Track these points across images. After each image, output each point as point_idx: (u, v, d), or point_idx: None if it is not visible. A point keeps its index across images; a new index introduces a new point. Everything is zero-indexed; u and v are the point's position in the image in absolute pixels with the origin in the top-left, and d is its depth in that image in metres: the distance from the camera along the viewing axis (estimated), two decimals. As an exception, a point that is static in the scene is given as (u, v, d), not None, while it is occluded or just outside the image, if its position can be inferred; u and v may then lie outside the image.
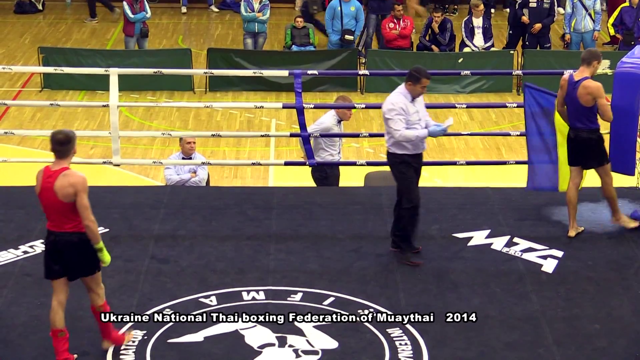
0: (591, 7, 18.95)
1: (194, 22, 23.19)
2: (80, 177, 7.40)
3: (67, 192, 7.36)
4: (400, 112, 9.07)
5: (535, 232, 9.93)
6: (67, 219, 7.44)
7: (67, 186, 7.36)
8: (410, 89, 9.17)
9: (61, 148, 7.48)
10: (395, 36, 19.09)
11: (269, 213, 10.41)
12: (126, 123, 16.38)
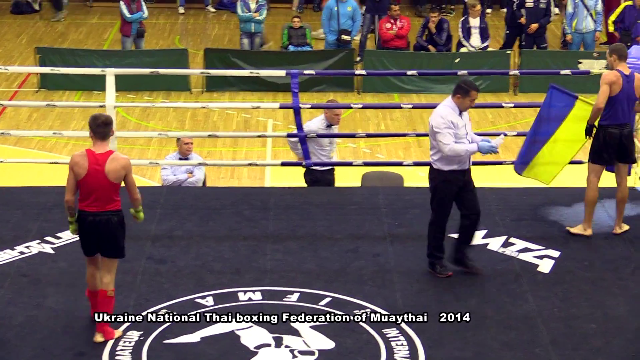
0: (592, 7, 18.96)
1: (190, 22, 23.20)
2: (126, 159, 7.97)
3: (119, 175, 7.87)
4: (449, 126, 8.74)
5: (531, 232, 9.93)
6: (110, 199, 7.91)
7: (120, 169, 7.86)
8: (459, 102, 8.83)
9: (105, 129, 7.90)
10: (392, 36, 19.11)
11: (265, 213, 10.41)
12: (123, 123, 16.38)
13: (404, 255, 9.49)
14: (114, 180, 7.86)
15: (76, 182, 7.87)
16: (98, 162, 7.81)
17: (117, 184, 7.91)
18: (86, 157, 7.84)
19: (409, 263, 9.35)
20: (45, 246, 9.58)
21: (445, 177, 8.84)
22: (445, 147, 8.72)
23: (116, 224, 7.96)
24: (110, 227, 7.93)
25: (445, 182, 8.86)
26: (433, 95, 18.08)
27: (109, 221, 7.93)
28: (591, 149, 9.74)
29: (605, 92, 9.51)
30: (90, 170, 7.80)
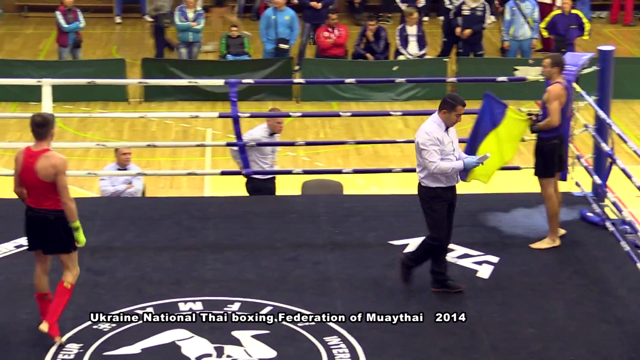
0: (529, 15, 19.18)
1: (128, 32, 23.06)
2: (60, 158, 7.84)
3: (48, 173, 7.80)
4: (435, 143, 8.56)
5: (470, 239, 10.00)
6: (45, 197, 7.89)
7: (49, 167, 7.80)
8: (445, 118, 8.65)
9: (40, 130, 7.91)
10: (330, 45, 19.16)
11: (205, 223, 10.38)
12: (60, 134, 16.22)
13: (344, 263, 9.51)
14: (43, 178, 7.83)
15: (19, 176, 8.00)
16: (30, 159, 7.88)
17: (50, 182, 7.85)
18: (23, 153, 7.94)
19: (349, 270, 9.37)
20: (-18, 259, 9.46)
21: (434, 193, 8.71)
22: (432, 165, 8.56)
23: (54, 222, 7.93)
24: (47, 224, 7.94)
25: (434, 199, 8.72)
26: (371, 103, 18.17)
27: (46, 218, 7.94)
28: (537, 165, 9.77)
29: (557, 108, 9.57)
30: (24, 166, 7.92)
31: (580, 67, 10.42)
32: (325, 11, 19.57)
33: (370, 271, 9.36)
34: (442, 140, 8.62)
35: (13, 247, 9.72)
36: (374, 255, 9.67)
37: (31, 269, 9.21)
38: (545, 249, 9.74)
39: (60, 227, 7.97)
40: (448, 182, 8.72)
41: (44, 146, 7.91)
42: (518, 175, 11.41)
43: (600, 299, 8.85)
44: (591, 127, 10.65)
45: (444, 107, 8.65)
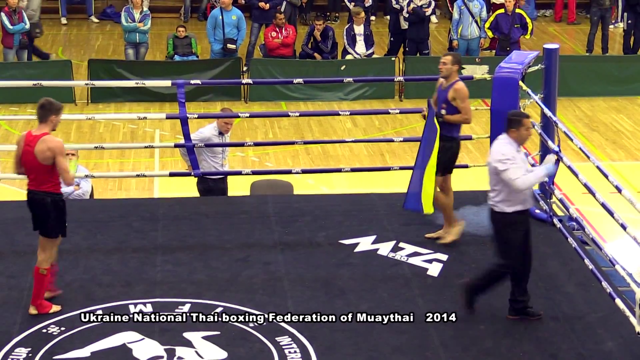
0: (477, 14, 19.32)
1: (74, 33, 22.89)
2: (57, 142, 8.20)
3: (46, 156, 8.16)
4: (513, 161, 8.18)
5: (420, 237, 10.04)
6: (44, 180, 8.28)
7: (46, 150, 8.15)
8: (516, 136, 8.31)
9: (40, 112, 8.28)
10: (277, 45, 19.15)
11: (154, 224, 10.33)
12: (6, 137, 16.08)
13: (294, 263, 9.51)
14: (42, 161, 8.18)
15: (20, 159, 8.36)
16: (30, 142, 8.22)
17: (48, 165, 8.19)
18: (24, 137, 8.30)
19: (299, 270, 9.38)
20: None
21: (510, 219, 8.30)
22: (517, 182, 8.13)
23: (49, 205, 8.29)
24: (42, 206, 8.30)
25: (511, 226, 8.32)
26: (320, 102, 18.19)
27: (42, 201, 8.30)
28: (444, 162, 9.73)
29: (469, 106, 9.71)
30: (24, 150, 8.27)
31: (526, 65, 10.51)
32: (272, 11, 19.56)
33: (320, 271, 9.38)
34: (516, 158, 8.27)
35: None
36: (324, 255, 9.69)
37: (-22, 273, 9.17)
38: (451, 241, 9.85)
39: (52, 211, 8.31)
40: (525, 205, 8.34)
41: (44, 130, 8.24)
42: (466, 173, 11.50)
43: (548, 295, 8.93)
44: (538, 125, 10.73)
45: (512, 126, 8.33)
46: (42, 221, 8.39)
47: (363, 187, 13.23)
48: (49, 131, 8.28)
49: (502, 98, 10.29)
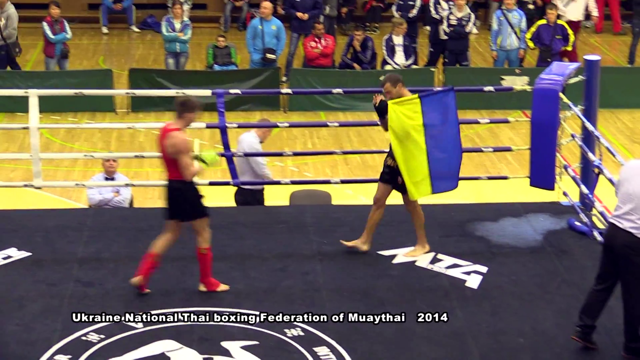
0: (517, 25, 19.24)
1: (115, 43, 23.04)
2: (181, 139, 8.64)
3: (171, 151, 8.66)
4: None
5: (459, 249, 10.01)
6: (172, 170, 8.76)
7: (170, 145, 8.66)
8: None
9: (178, 107, 8.76)
10: (317, 55, 19.18)
11: (193, 234, 10.33)
12: (47, 145, 16.20)
13: (332, 274, 9.51)
14: (169, 154, 8.69)
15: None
16: (163, 135, 8.75)
17: (174, 159, 8.65)
18: (162, 128, 8.83)
19: (338, 281, 9.37)
20: (-30, 271, 9.43)
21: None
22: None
23: (181, 192, 8.78)
24: (176, 194, 8.80)
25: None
26: (359, 113, 18.18)
27: (175, 189, 8.79)
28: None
29: None
30: (159, 140, 8.80)
31: (567, 77, 10.47)
32: (311, 21, 19.60)
33: (358, 281, 9.36)
34: None
35: (0, 259, 9.69)
36: (363, 266, 9.68)
37: (19, 280, 9.25)
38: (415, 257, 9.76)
39: (186, 198, 8.80)
40: None
41: (176, 125, 8.71)
42: (506, 184, 11.46)
43: (588, 308, 8.86)
44: (578, 137, 10.69)
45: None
46: (180, 208, 8.85)
47: (401, 198, 13.17)
48: (181, 127, 8.71)
49: (542, 110, 10.26)
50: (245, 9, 23.58)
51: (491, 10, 22.73)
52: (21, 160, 14.80)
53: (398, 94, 9.49)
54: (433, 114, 9.47)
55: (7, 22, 18.67)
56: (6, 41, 18.53)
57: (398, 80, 9.51)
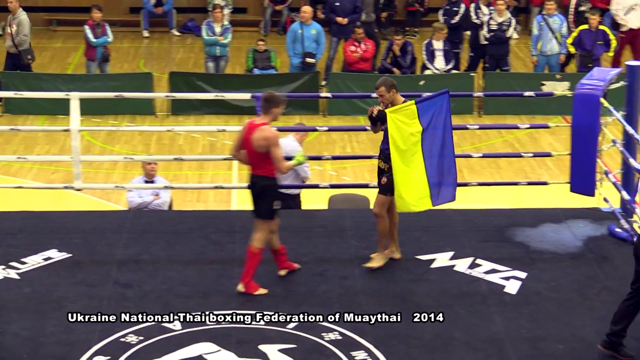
0: (557, 30, 19.13)
1: (155, 46, 23.16)
2: (272, 132, 8.88)
3: (261, 145, 8.84)
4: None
5: (498, 254, 9.97)
6: (258, 165, 8.98)
7: (261, 139, 8.83)
8: None
9: (264, 104, 8.98)
10: (356, 59, 19.17)
11: (232, 237, 10.38)
12: (88, 147, 16.30)
13: (371, 278, 9.49)
14: (257, 148, 8.86)
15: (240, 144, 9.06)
16: (250, 130, 8.92)
17: (262, 153, 8.86)
18: (247, 125, 9.01)
19: (376, 285, 9.35)
20: (10, 272, 9.50)
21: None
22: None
23: (261, 188, 8.98)
24: (256, 190, 9.02)
25: None
26: (398, 117, 18.11)
27: (256, 184, 9.01)
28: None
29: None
30: (244, 136, 8.96)
31: (608, 82, 10.39)
32: (351, 25, 19.59)
33: (396, 286, 9.34)
34: None
35: (41, 260, 9.76)
36: (401, 270, 9.66)
37: (59, 281, 9.30)
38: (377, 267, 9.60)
39: (264, 195, 8.99)
40: None
41: (264, 120, 8.92)
42: (546, 190, 11.40)
43: (629, 315, 8.78)
44: (619, 143, 10.60)
45: None
46: (256, 204, 9.06)
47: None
48: (268, 122, 8.92)
49: (582, 115, 10.20)
50: (285, 13, 23.62)
51: (532, 15, 22.62)
52: (62, 163, 14.91)
53: (391, 99, 9.44)
54: (430, 118, 9.27)
55: (18, 28, 18.48)
56: (18, 48, 18.49)
57: (393, 85, 9.49)
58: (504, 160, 15.78)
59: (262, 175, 8.99)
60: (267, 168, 8.96)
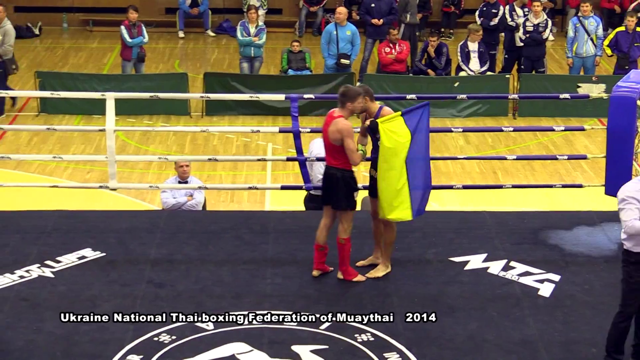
0: (593, 32, 19.01)
1: (190, 47, 23.25)
2: (346, 124, 9.02)
3: (335, 137, 9.04)
4: (632, 202, 7.67)
5: (531, 256, 9.93)
6: (332, 156, 9.15)
7: (335, 131, 9.03)
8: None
9: (340, 97, 9.16)
10: (391, 60, 19.15)
11: (265, 237, 10.40)
12: (123, 147, 16.39)
13: (403, 279, 9.48)
14: (332, 140, 9.04)
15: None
16: (327, 122, 9.13)
17: (336, 145, 9.02)
18: (327, 115, 9.18)
19: (408, 287, 9.34)
20: (45, 270, 9.57)
21: (635, 259, 7.76)
22: (624, 224, 7.69)
23: (337, 179, 9.09)
24: (332, 181, 9.15)
25: (635, 265, 7.78)
26: (432, 119, 17.95)
27: (332, 175, 9.14)
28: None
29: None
30: (323, 127, 9.19)
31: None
32: (386, 27, 19.57)
33: (429, 288, 9.32)
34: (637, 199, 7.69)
35: (76, 259, 9.82)
36: (434, 272, 9.64)
37: (93, 280, 9.36)
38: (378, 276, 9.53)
39: (341, 186, 9.09)
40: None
41: (340, 113, 9.10)
42: (581, 193, 11.34)
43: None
44: (656, 146, 10.54)
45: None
46: (333, 194, 9.15)
47: (474, 205, 13.13)
48: (345, 116, 9.07)
49: (618, 117, 10.13)
50: (320, 14, 23.64)
51: (568, 16, 22.51)
52: (97, 162, 15.00)
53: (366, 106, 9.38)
54: (414, 128, 9.31)
55: (3, 38, 18.29)
56: (2, 57, 18.26)
57: (367, 91, 9.46)
58: (538, 163, 15.71)
59: (337, 167, 9.12)
60: (342, 160, 9.09)
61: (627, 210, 7.71)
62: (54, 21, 24.37)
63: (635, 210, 7.69)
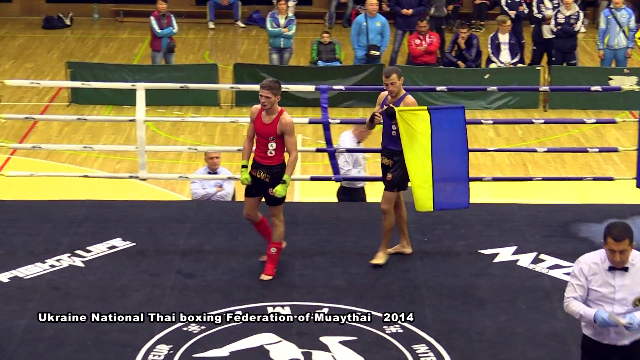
0: (625, 24, 18.87)
1: (220, 38, 23.28)
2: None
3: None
4: (577, 277, 6.82)
5: (561, 249, 9.88)
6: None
7: None
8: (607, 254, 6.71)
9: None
10: (421, 52, 19.10)
11: (294, 228, 10.41)
12: (153, 138, 16.43)
13: (432, 271, 9.47)
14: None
15: None
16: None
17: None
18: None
19: (438, 279, 9.33)
20: (76, 259, 9.63)
21: (581, 341, 7.03)
22: (565, 301, 6.91)
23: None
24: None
25: (582, 348, 7.05)
26: (462, 111, 18.01)
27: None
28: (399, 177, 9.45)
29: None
30: None
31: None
32: (416, 18, 19.53)
33: (459, 280, 9.31)
34: (594, 278, 6.75)
35: (106, 248, 9.87)
36: (463, 264, 9.62)
37: (123, 270, 9.41)
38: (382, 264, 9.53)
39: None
40: (597, 335, 6.85)
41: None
42: (611, 186, 11.28)
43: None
44: (688, 139, 10.46)
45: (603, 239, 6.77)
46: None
47: (504, 197, 13.07)
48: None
49: (651, 110, 10.06)
50: (350, 6, 23.61)
51: (600, 8, 22.36)
52: (127, 152, 15.06)
53: (399, 88, 9.71)
54: (441, 128, 9.28)
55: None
56: None
57: (401, 74, 9.72)
58: (569, 155, 15.64)
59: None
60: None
61: (570, 286, 6.86)
62: (85, 12, 24.47)
63: (578, 288, 6.81)
